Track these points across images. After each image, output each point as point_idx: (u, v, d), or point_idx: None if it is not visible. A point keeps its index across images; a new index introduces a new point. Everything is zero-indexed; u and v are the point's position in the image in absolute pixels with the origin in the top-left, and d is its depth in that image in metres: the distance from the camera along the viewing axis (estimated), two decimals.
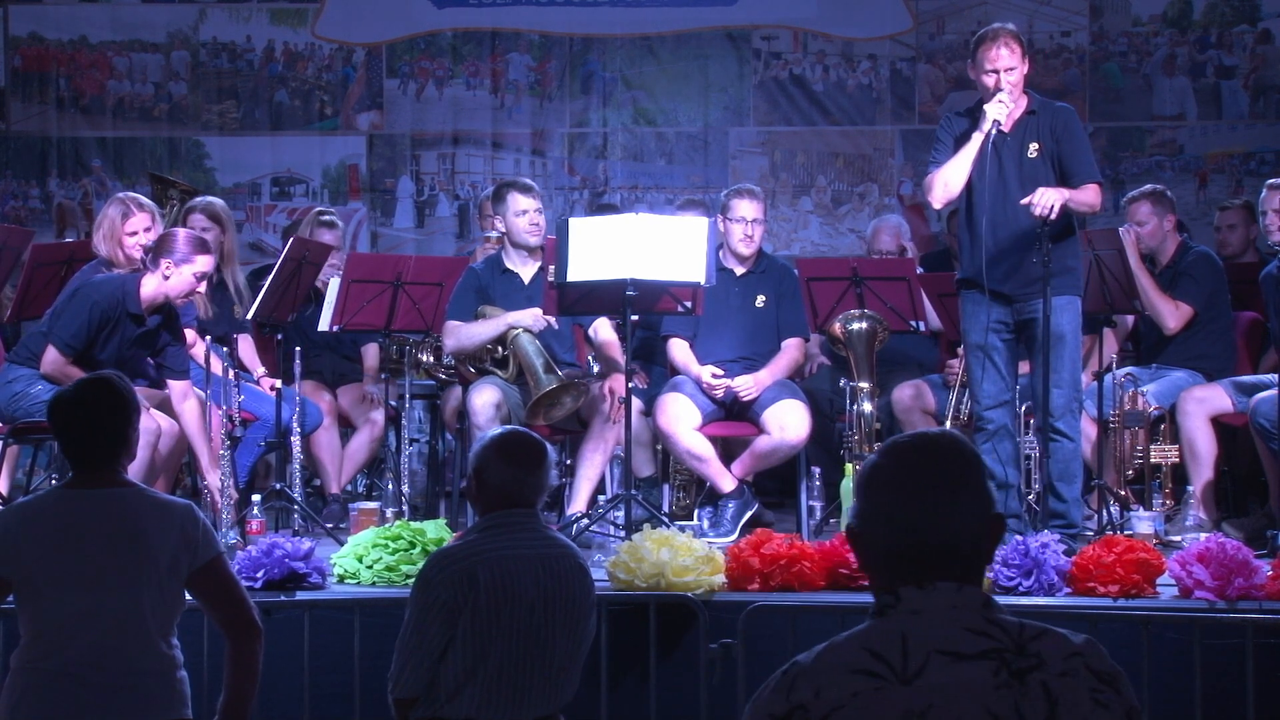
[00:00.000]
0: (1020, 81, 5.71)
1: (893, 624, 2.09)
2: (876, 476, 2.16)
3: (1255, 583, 5.04)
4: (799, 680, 2.08)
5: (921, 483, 2.12)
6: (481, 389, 6.35)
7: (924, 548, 2.10)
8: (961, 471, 2.14)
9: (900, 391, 6.99)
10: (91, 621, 3.39)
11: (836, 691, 2.05)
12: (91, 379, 3.69)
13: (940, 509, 2.11)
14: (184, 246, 5.94)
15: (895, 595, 2.10)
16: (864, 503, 2.16)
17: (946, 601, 2.09)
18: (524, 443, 3.77)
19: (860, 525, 2.16)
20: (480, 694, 3.59)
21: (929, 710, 2.02)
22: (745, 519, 6.42)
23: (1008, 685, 2.03)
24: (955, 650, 2.05)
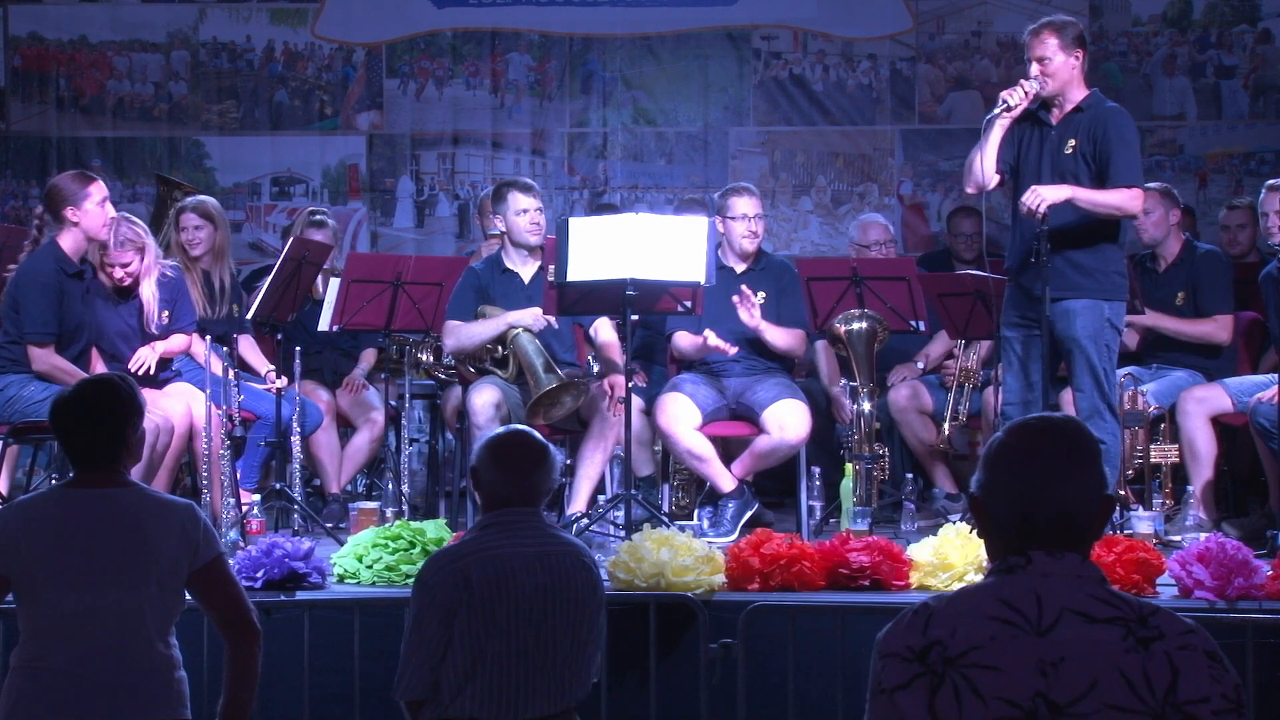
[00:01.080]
0: (1059, 72, 5.71)
1: (1024, 581, 2.26)
2: (1001, 452, 2.35)
3: (1255, 583, 5.04)
4: (934, 618, 2.25)
5: (1041, 459, 2.31)
6: (481, 389, 6.35)
7: (1041, 520, 2.29)
8: (1077, 452, 2.33)
9: (897, 392, 6.99)
10: (91, 621, 3.39)
11: (973, 632, 2.22)
12: (93, 379, 3.69)
13: (1057, 483, 2.30)
14: (70, 187, 5.93)
15: (1027, 557, 2.29)
16: (987, 475, 2.36)
17: (1073, 570, 2.28)
18: (518, 444, 3.74)
19: (982, 495, 2.36)
20: (481, 693, 3.58)
21: (1062, 662, 2.19)
22: (745, 519, 6.43)
23: (1135, 650, 2.21)
24: (1086, 612, 2.23)
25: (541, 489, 3.74)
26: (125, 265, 6.16)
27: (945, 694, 2.21)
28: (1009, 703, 2.19)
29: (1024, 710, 2.19)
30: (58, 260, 5.88)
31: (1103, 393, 5.74)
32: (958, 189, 9.31)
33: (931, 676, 2.22)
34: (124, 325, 6.26)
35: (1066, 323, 5.70)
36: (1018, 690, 2.19)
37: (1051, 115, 5.81)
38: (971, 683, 2.20)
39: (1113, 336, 5.79)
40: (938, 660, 2.22)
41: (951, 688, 2.21)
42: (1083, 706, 2.18)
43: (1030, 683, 2.19)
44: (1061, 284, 5.67)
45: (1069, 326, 5.70)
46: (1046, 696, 2.19)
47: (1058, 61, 5.71)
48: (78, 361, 5.93)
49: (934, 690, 2.22)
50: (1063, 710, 2.19)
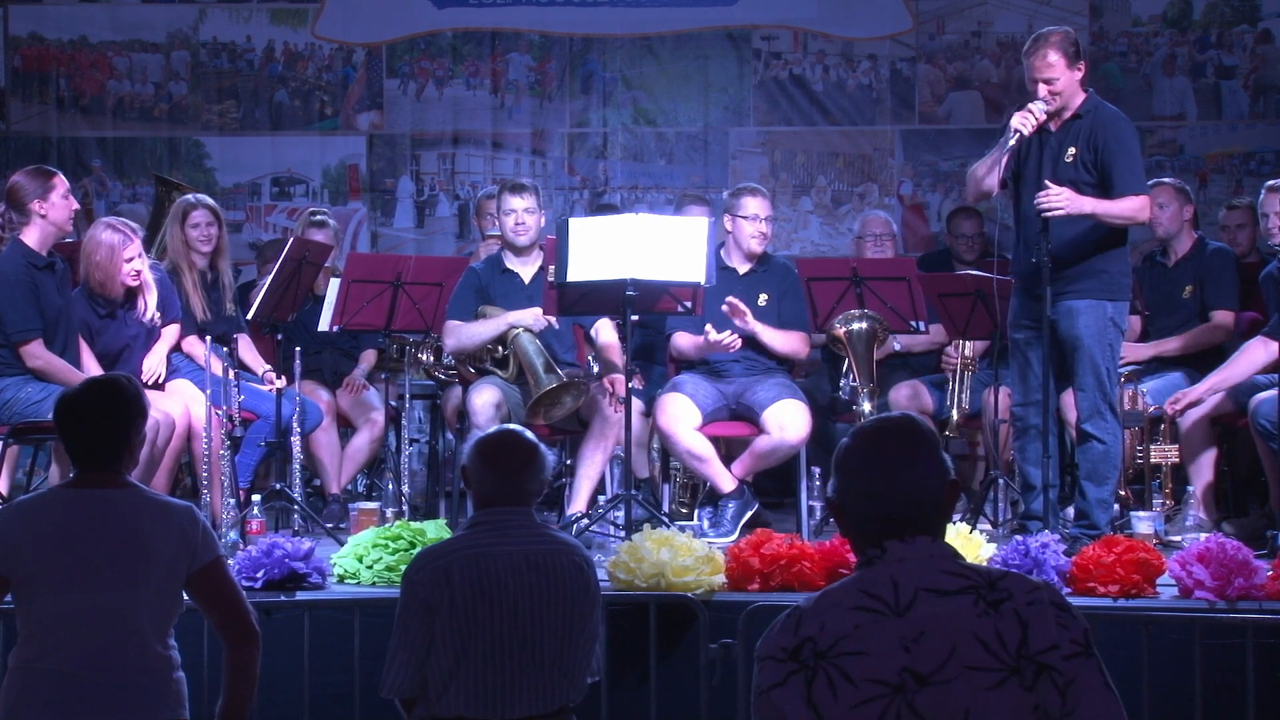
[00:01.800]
0: (1064, 89, 5.69)
1: (881, 570, 2.46)
2: (849, 455, 2.55)
3: (1255, 583, 5.04)
4: (804, 619, 2.43)
5: (885, 454, 2.52)
6: (481, 389, 6.35)
7: (893, 510, 2.49)
8: (916, 446, 2.53)
9: (897, 392, 6.98)
10: (89, 621, 3.39)
11: (839, 624, 2.40)
12: (99, 379, 3.70)
13: (902, 477, 2.50)
14: (34, 181, 5.94)
15: (881, 548, 2.48)
16: (840, 477, 2.55)
17: (925, 551, 2.47)
18: (506, 444, 3.73)
19: (839, 497, 2.55)
20: (466, 691, 3.58)
21: (922, 636, 2.38)
22: (745, 519, 6.43)
23: (986, 614, 2.40)
24: (938, 588, 2.42)
25: (531, 488, 3.72)
26: (130, 260, 6.17)
27: (820, 684, 2.38)
28: (878, 682, 2.37)
29: (892, 686, 2.36)
30: (25, 256, 5.88)
31: (1104, 393, 5.74)
32: (958, 189, 9.31)
33: (805, 671, 2.40)
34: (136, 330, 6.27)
35: (1070, 322, 5.71)
36: (885, 669, 2.37)
37: (1051, 122, 5.79)
38: (842, 670, 2.38)
39: (1116, 336, 5.79)
40: (809, 655, 2.40)
41: (825, 678, 2.38)
42: (945, 673, 2.37)
43: (896, 660, 2.37)
44: (1065, 283, 5.68)
45: (1072, 326, 5.70)
46: (912, 670, 2.37)
47: (1064, 79, 5.70)
48: (64, 354, 5.92)
49: (809, 683, 2.39)
50: (927, 679, 2.37)
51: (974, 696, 2.36)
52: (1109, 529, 5.70)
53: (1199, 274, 6.85)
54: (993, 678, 2.37)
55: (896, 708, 2.36)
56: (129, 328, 6.29)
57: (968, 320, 6.65)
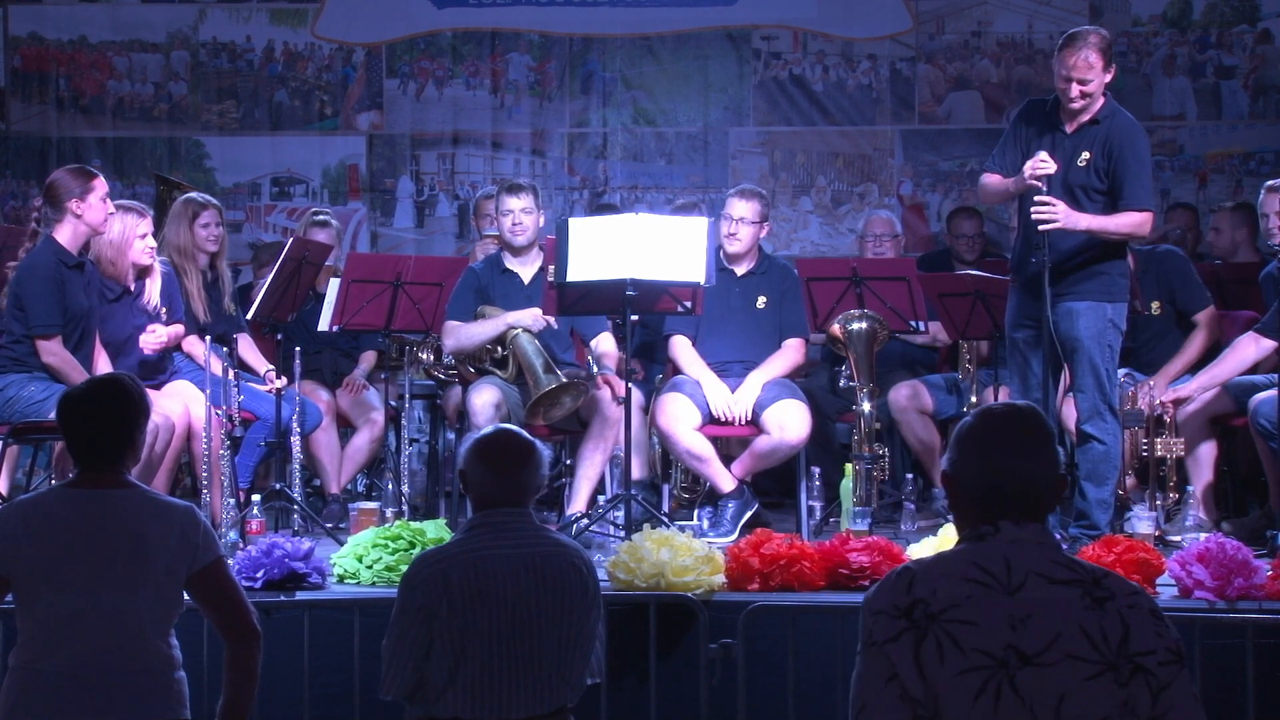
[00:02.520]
0: (1095, 91, 5.66)
1: (994, 547, 2.57)
2: (972, 434, 2.67)
3: (1255, 583, 5.04)
4: (917, 580, 2.54)
5: (1008, 440, 2.64)
6: (481, 389, 6.35)
7: (1010, 491, 2.60)
8: (1038, 435, 2.65)
9: (896, 392, 6.98)
10: (89, 621, 3.39)
11: (952, 591, 2.52)
12: (103, 378, 3.70)
13: (1021, 461, 2.62)
14: (75, 181, 5.98)
15: (995, 526, 2.60)
16: (959, 454, 2.67)
17: (1036, 537, 2.59)
18: (503, 444, 3.73)
19: (954, 471, 2.67)
20: (464, 694, 3.58)
21: (1029, 618, 2.50)
22: (745, 519, 6.43)
23: (1092, 608, 2.52)
24: (1049, 575, 2.54)
25: (530, 488, 3.72)
26: (144, 237, 6.23)
27: (929, 646, 2.49)
28: (984, 653, 2.48)
29: (997, 659, 2.48)
30: (56, 254, 5.91)
31: (1104, 393, 5.74)
32: (958, 189, 9.32)
33: (916, 631, 2.50)
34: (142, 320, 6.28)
35: (1069, 323, 5.71)
36: (991, 642, 2.48)
37: (1066, 124, 5.76)
38: (951, 635, 2.49)
39: (1115, 337, 5.79)
40: (921, 616, 2.50)
41: (934, 640, 2.49)
42: (1048, 656, 2.48)
43: (1002, 635, 2.49)
44: (1064, 285, 5.67)
45: (1071, 327, 5.71)
46: (1017, 648, 2.48)
47: (1097, 82, 5.65)
48: (78, 353, 5.94)
49: (919, 643, 2.50)
50: (1030, 660, 2.48)
51: (1071, 684, 2.47)
52: (1109, 529, 5.70)
53: (1163, 286, 6.72)
54: (1091, 669, 2.48)
55: (998, 681, 2.47)
56: (135, 316, 6.30)
57: (967, 320, 6.66)
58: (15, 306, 5.92)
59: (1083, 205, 5.69)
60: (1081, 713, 2.47)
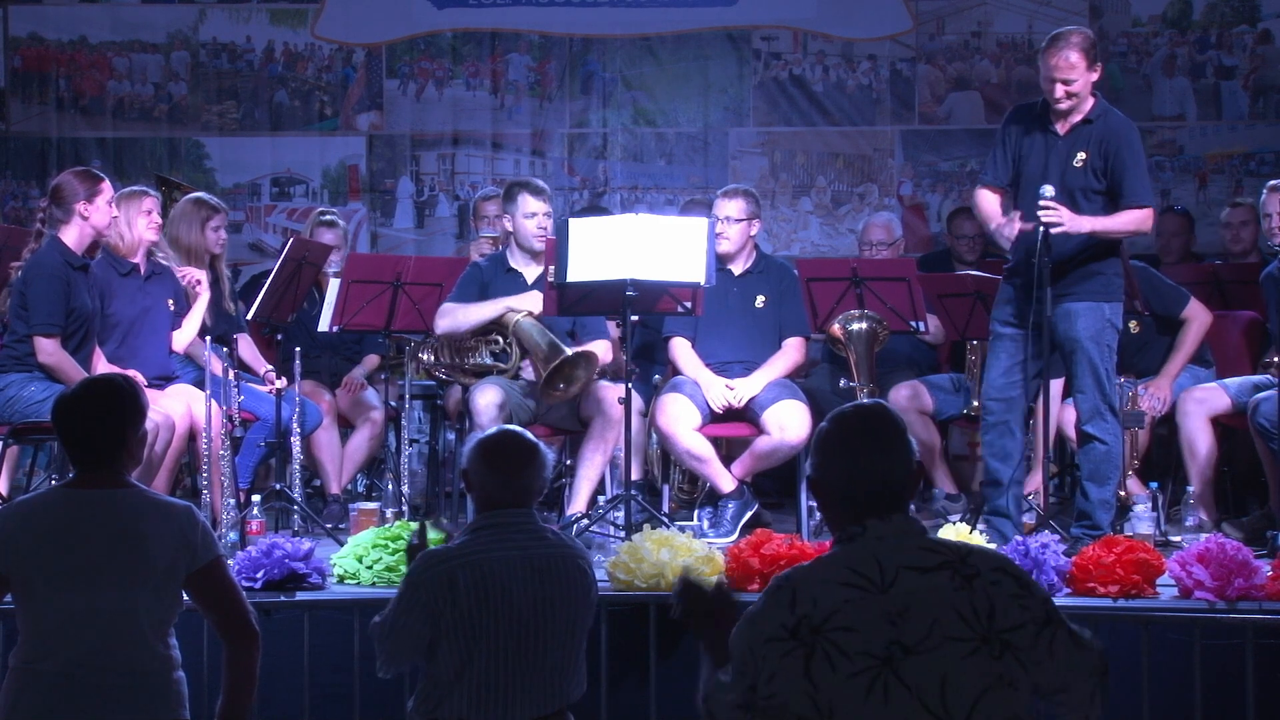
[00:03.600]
0: (1081, 90, 5.65)
1: (863, 548, 2.71)
2: (829, 438, 2.85)
3: (1255, 583, 5.03)
4: (798, 594, 2.68)
5: (862, 439, 2.81)
6: (484, 389, 6.34)
7: (870, 489, 2.75)
8: (889, 432, 2.82)
9: (896, 393, 6.97)
10: (89, 622, 3.40)
11: (831, 600, 2.65)
12: (97, 379, 3.70)
13: (875, 458, 2.78)
14: (82, 183, 6.01)
15: (863, 526, 2.74)
16: (820, 458, 2.83)
17: (901, 529, 2.74)
18: (508, 445, 3.74)
19: (817, 475, 2.83)
20: (470, 695, 3.59)
21: (906, 610, 2.63)
22: (745, 519, 6.42)
23: (961, 588, 2.67)
24: (918, 565, 2.69)
25: (533, 488, 3.73)
26: (150, 212, 6.27)
27: (818, 659, 2.63)
28: (869, 654, 2.62)
29: (881, 658, 2.62)
30: (62, 254, 5.92)
31: (1104, 393, 5.74)
32: (958, 189, 9.32)
33: (805, 648, 2.64)
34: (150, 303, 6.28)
35: (1068, 324, 5.70)
36: (874, 643, 2.62)
37: (1058, 125, 5.76)
38: (837, 645, 2.63)
39: (1113, 336, 5.79)
40: (807, 632, 2.64)
41: (823, 653, 2.63)
42: (928, 643, 2.63)
43: (884, 634, 2.63)
44: (1062, 286, 5.67)
45: (1070, 327, 5.70)
46: (899, 641, 2.62)
47: (1082, 81, 5.65)
48: (79, 354, 5.94)
49: (808, 659, 2.64)
50: (912, 650, 2.62)
51: (951, 663, 2.62)
52: (1110, 529, 5.70)
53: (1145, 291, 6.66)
54: (967, 646, 2.63)
55: (885, 678, 2.61)
56: (145, 297, 6.29)
57: (968, 320, 6.65)
58: (19, 305, 5.93)
59: (1081, 206, 5.68)
60: (961, 689, 2.61)
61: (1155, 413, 6.49)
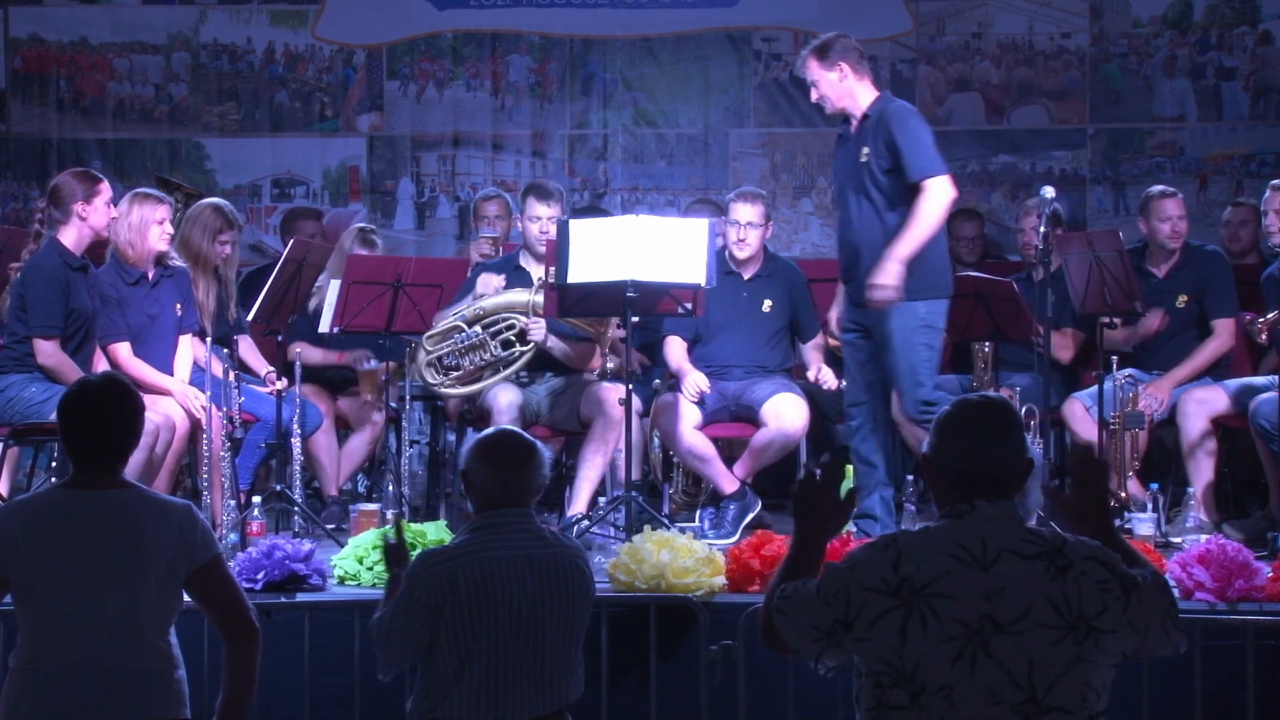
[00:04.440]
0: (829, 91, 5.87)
1: (970, 525, 2.88)
2: (948, 421, 2.99)
3: (1256, 584, 5.04)
4: (904, 556, 2.85)
5: (981, 426, 2.96)
6: (503, 390, 6.35)
7: (983, 473, 2.91)
8: (1006, 422, 2.97)
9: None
10: (89, 622, 3.40)
11: (935, 567, 2.83)
12: (98, 377, 3.69)
13: (993, 445, 2.94)
14: (80, 184, 5.98)
15: (971, 505, 2.90)
16: (938, 439, 2.99)
17: (1006, 514, 2.90)
18: (507, 444, 3.77)
19: (933, 454, 2.99)
20: (468, 695, 3.59)
21: (1003, 590, 2.81)
22: (747, 520, 6.42)
23: (1055, 579, 2.82)
24: (1018, 550, 2.85)
25: (532, 487, 3.75)
26: (161, 222, 6.20)
27: (915, 620, 2.81)
28: (961, 623, 2.80)
29: (972, 629, 2.79)
30: (61, 255, 5.91)
31: (919, 395, 5.76)
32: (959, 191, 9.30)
33: (904, 607, 2.81)
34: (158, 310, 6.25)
35: (881, 324, 5.75)
36: (968, 613, 2.80)
37: (851, 127, 5.91)
38: (933, 608, 2.80)
39: (931, 336, 5.79)
40: (908, 593, 2.81)
41: (919, 614, 2.81)
42: (1020, 626, 2.79)
43: (978, 607, 2.80)
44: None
45: (883, 328, 5.76)
46: (992, 618, 2.80)
47: (825, 83, 5.85)
48: (78, 355, 5.93)
49: (906, 618, 2.81)
50: (1004, 628, 2.80)
51: (1040, 647, 2.79)
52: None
53: (1196, 284, 6.72)
54: (1056, 634, 2.80)
55: (973, 648, 2.79)
56: (151, 305, 6.27)
57: (968, 321, 6.65)
58: (18, 307, 5.93)
59: (875, 202, 5.77)
60: (1048, 669, 2.79)
61: (1154, 414, 6.48)
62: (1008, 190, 9.30)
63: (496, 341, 6.43)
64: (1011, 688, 2.79)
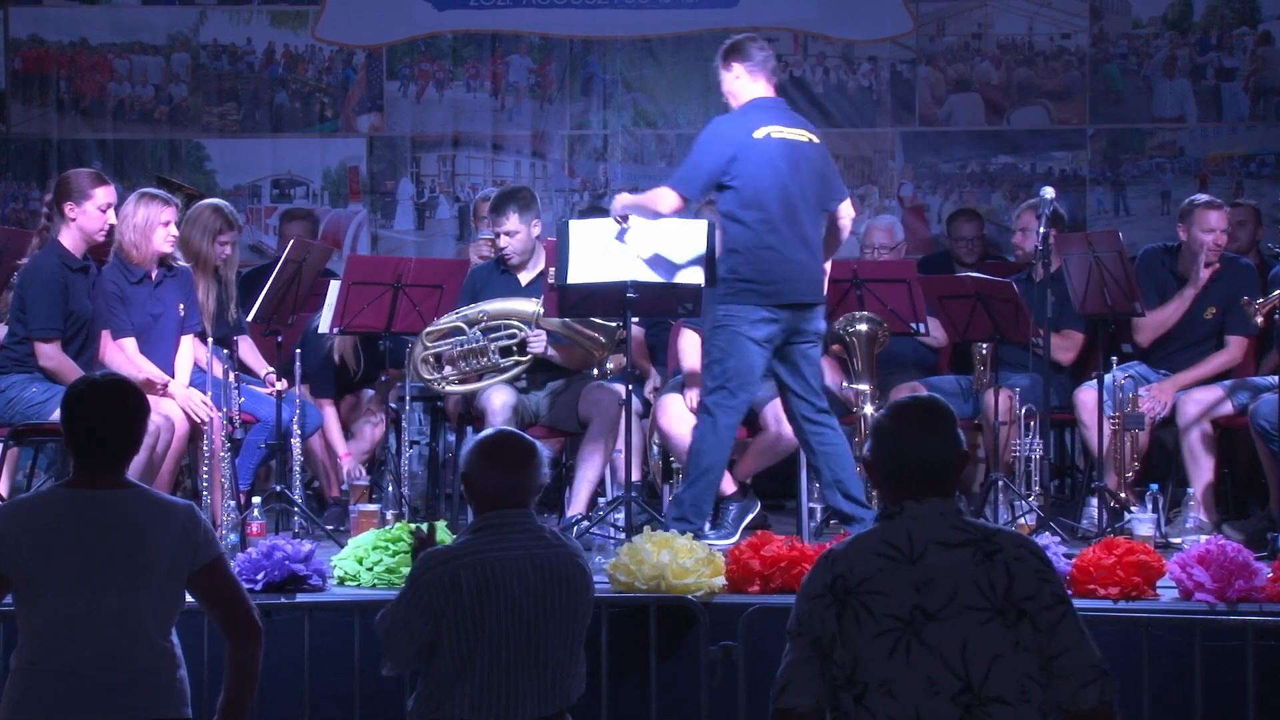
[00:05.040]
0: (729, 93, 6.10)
1: (899, 525, 3.02)
2: (879, 424, 3.14)
3: (1255, 585, 5.04)
4: (835, 560, 3.01)
5: (906, 426, 3.08)
6: (497, 391, 6.35)
7: (913, 471, 3.04)
8: (932, 421, 3.09)
9: (897, 394, 6.95)
10: (91, 621, 3.40)
11: (865, 567, 2.98)
12: (104, 377, 3.69)
13: (918, 445, 3.05)
14: (78, 185, 5.92)
15: (900, 506, 3.04)
16: (873, 441, 3.12)
17: (935, 510, 3.03)
18: (507, 444, 3.78)
19: (870, 457, 3.13)
20: (471, 696, 3.59)
21: (931, 580, 2.94)
22: (747, 521, 6.42)
23: (981, 563, 2.96)
24: (945, 541, 2.99)
25: (533, 487, 3.75)
26: (166, 224, 6.16)
27: (848, 615, 2.95)
28: (894, 617, 2.93)
29: (904, 620, 2.93)
30: (60, 256, 5.89)
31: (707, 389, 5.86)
32: (958, 191, 9.32)
33: (838, 604, 2.96)
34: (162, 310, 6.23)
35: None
36: (899, 607, 2.94)
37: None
38: (866, 605, 2.95)
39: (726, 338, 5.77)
40: (841, 590, 2.97)
41: (852, 610, 2.95)
42: (948, 611, 2.93)
43: (908, 599, 2.94)
44: None
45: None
46: (922, 608, 2.93)
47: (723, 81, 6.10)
48: (81, 357, 5.92)
49: (840, 614, 2.95)
50: (934, 616, 2.93)
51: (970, 630, 2.91)
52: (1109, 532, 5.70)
53: (1226, 297, 6.58)
54: (984, 615, 2.92)
55: (907, 638, 2.91)
56: (154, 305, 6.25)
57: (968, 322, 6.65)
58: (18, 308, 5.92)
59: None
60: (980, 653, 2.91)
61: (1155, 415, 6.48)
62: (1008, 191, 9.31)
63: (495, 348, 6.44)
64: (948, 676, 2.90)
